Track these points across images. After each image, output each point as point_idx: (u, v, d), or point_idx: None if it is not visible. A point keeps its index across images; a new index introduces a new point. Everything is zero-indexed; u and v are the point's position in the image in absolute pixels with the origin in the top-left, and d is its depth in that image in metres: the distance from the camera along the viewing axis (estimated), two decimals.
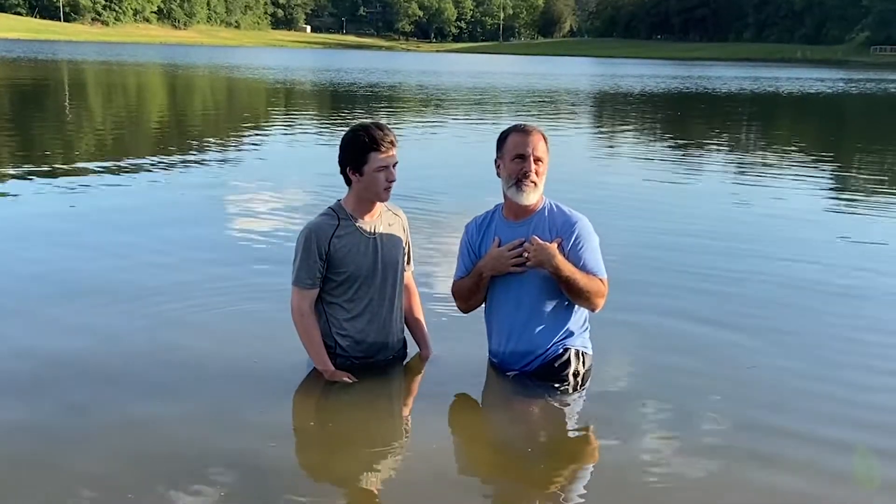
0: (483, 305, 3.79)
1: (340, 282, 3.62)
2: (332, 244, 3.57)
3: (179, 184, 9.26)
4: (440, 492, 2.92)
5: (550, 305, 3.60)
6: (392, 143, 3.54)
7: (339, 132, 11.82)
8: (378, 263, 3.65)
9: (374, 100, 24.80)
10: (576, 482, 3.06)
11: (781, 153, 14.53)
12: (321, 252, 3.56)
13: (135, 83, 30.78)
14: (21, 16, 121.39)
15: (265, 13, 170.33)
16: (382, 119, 17.59)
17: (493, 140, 3.67)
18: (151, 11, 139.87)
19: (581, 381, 3.69)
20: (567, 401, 3.61)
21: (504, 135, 3.61)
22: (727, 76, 51.08)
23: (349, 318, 3.67)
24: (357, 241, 3.61)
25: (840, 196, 9.96)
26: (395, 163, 3.57)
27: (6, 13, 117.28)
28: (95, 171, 9.62)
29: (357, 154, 3.53)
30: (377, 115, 18.86)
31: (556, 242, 3.51)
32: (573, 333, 3.68)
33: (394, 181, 3.58)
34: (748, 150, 15.23)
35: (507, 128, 3.64)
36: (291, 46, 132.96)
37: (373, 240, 3.64)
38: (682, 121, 21.98)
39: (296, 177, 10.05)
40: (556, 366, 3.64)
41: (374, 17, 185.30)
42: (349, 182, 3.62)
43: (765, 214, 8.32)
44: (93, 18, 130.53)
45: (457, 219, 6.81)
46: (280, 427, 3.39)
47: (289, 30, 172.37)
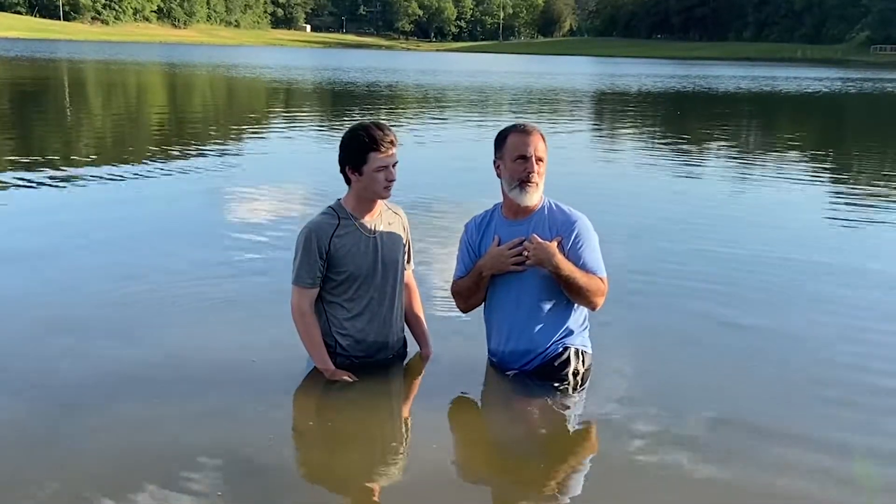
0: (482, 304, 3.79)
1: (340, 281, 3.62)
2: (333, 243, 3.57)
3: (178, 183, 9.24)
4: (440, 491, 2.92)
5: (550, 304, 3.60)
6: (392, 143, 3.54)
7: (336, 131, 11.85)
8: (378, 263, 3.65)
9: (373, 99, 24.77)
10: (575, 481, 3.07)
11: (779, 152, 14.51)
12: (321, 251, 3.56)
13: (134, 82, 30.75)
14: (21, 15, 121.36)
15: (265, 12, 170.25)
16: (381, 118, 17.58)
17: (490, 139, 3.66)
18: (151, 10, 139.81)
19: (581, 380, 3.69)
20: (567, 400, 3.61)
21: (503, 135, 3.59)
22: (725, 75, 51.03)
23: (349, 318, 3.67)
24: (357, 241, 3.61)
25: (839, 195, 9.94)
26: (395, 162, 3.57)
27: (6, 12, 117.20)
28: (94, 170, 9.60)
29: (356, 154, 3.52)
30: (375, 115, 18.84)
31: (556, 241, 3.51)
32: (573, 332, 3.68)
33: (393, 181, 3.58)
34: (745, 149, 15.22)
35: (506, 128, 3.62)
36: (291, 46, 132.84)
37: (373, 239, 3.64)
38: (680, 120, 21.96)
39: (295, 176, 10.04)
40: (556, 365, 3.64)
41: (374, 17, 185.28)
42: (349, 181, 3.62)
43: (764, 214, 8.32)
44: (92, 17, 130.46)
45: (456, 218, 6.81)
46: (280, 426, 3.39)
47: (288, 29, 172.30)
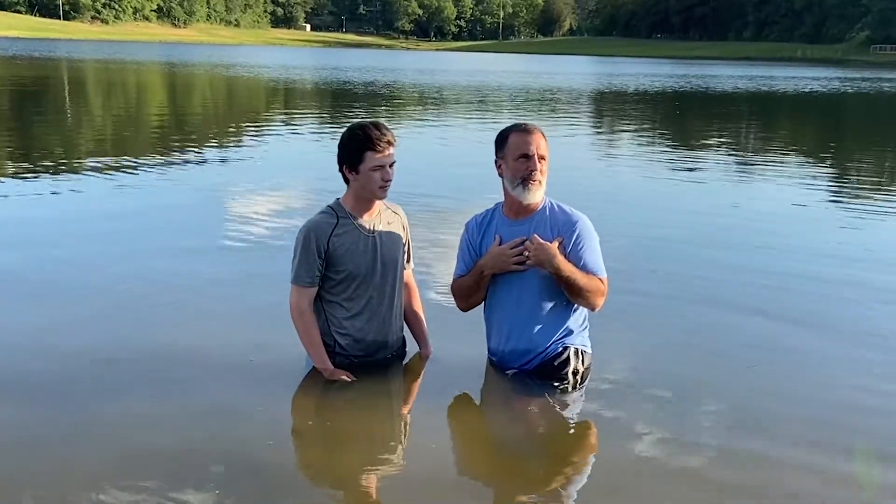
0: (482, 304, 3.78)
1: (339, 280, 3.61)
2: (331, 242, 3.57)
3: (177, 182, 9.24)
4: (439, 490, 2.92)
5: (551, 304, 3.59)
6: (389, 143, 3.53)
7: (335, 131, 11.82)
8: (377, 262, 3.64)
9: (372, 98, 24.76)
10: (575, 481, 3.06)
11: (776, 151, 14.51)
12: (320, 250, 3.56)
13: (134, 81, 30.74)
14: (21, 14, 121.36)
15: (265, 11, 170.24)
16: (381, 118, 17.57)
17: (490, 139, 3.65)
18: (151, 10, 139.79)
19: (580, 380, 3.69)
20: (566, 399, 3.60)
21: (504, 134, 3.59)
22: (723, 75, 51.01)
23: (348, 317, 3.66)
24: (356, 240, 3.60)
25: (838, 194, 9.94)
26: (393, 162, 3.56)
27: (6, 11, 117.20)
28: (93, 169, 9.59)
29: (353, 153, 3.52)
30: (374, 115, 18.83)
31: (557, 242, 3.51)
32: (573, 332, 3.67)
33: (390, 180, 3.57)
34: (742, 147, 15.20)
35: (507, 127, 3.62)
36: (291, 45, 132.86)
37: (372, 238, 3.64)
38: (676, 119, 21.95)
39: (293, 175, 10.03)
40: (556, 364, 3.64)
41: (374, 16, 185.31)
42: (347, 181, 3.62)
43: (763, 213, 8.31)
44: (92, 17, 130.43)
45: (456, 217, 6.80)
46: (279, 426, 3.38)
47: (288, 28, 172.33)
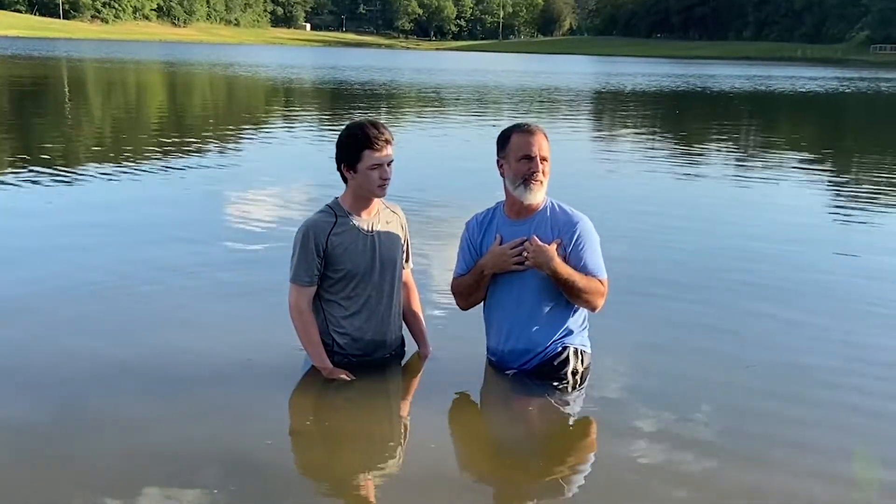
0: (482, 303, 3.78)
1: (338, 279, 3.61)
2: (330, 241, 3.56)
3: (176, 181, 9.22)
4: (438, 490, 2.91)
5: (551, 304, 3.59)
6: (387, 142, 3.53)
7: (334, 130, 11.78)
8: (376, 261, 3.63)
9: (369, 98, 24.76)
10: (574, 480, 3.05)
11: (775, 150, 14.51)
12: (319, 249, 3.55)
13: (133, 81, 30.73)
14: (21, 13, 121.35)
15: (265, 11, 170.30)
16: (380, 117, 17.57)
17: (490, 138, 3.64)
18: (151, 9, 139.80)
19: (580, 380, 3.68)
20: (566, 399, 3.60)
21: (506, 134, 3.58)
22: (721, 74, 51.01)
23: (347, 316, 3.65)
24: (354, 239, 3.60)
25: (836, 192, 9.94)
26: (390, 161, 3.56)
27: (6, 10, 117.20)
28: (92, 168, 9.59)
29: (351, 151, 3.52)
30: (374, 114, 18.83)
31: (556, 244, 3.50)
32: (572, 332, 3.67)
33: (388, 179, 3.57)
34: (740, 147, 15.20)
35: (508, 127, 3.62)
36: (291, 44, 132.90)
37: (370, 237, 3.63)
38: (677, 118, 21.95)
39: (292, 175, 10.02)
40: (555, 364, 3.63)
41: (374, 15, 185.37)
42: (345, 179, 3.61)
43: (762, 211, 8.30)
44: (92, 16, 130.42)
45: (455, 216, 6.80)
46: (277, 425, 3.38)
47: (288, 27, 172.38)
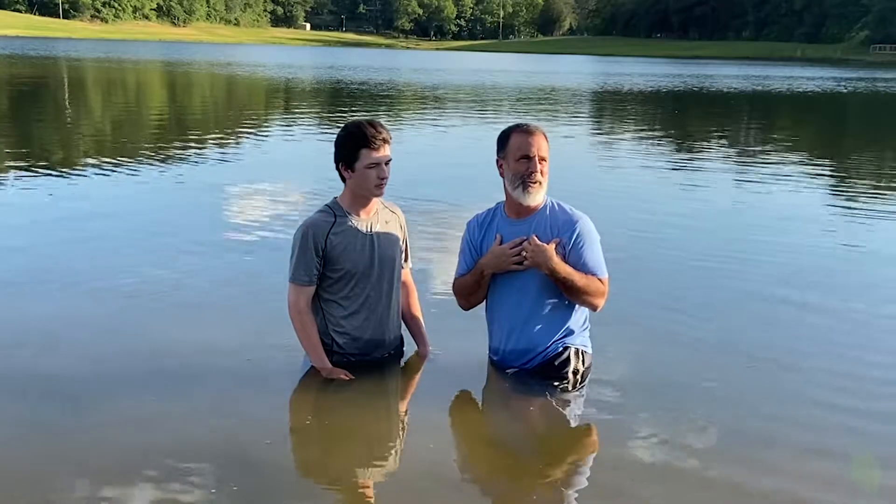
0: (483, 303, 3.76)
1: (337, 279, 3.60)
2: (329, 241, 3.55)
3: (175, 181, 9.22)
4: (437, 490, 2.90)
5: (551, 304, 3.58)
6: (385, 141, 3.52)
7: (330, 129, 11.84)
8: (374, 260, 3.63)
9: (371, 98, 24.76)
10: (574, 480, 3.04)
11: (774, 150, 14.50)
12: (318, 249, 3.54)
13: (133, 80, 30.74)
14: (20, 13, 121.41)
15: (265, 10, 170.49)
16: (380, 117, 17.57)
17: (490, 138, 3.63)
18: (151, 8, 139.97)
19: (580, 380, 3.67)
20: (566, 399, 3.59)
21: (506, 134, 3.58)
22: (719, 74, 51.02)
23: (346, 315, 3.65)
24: (353, 238, 3.59)
25: (836, 193, 9.93)
26: (388, 160, 3.55)
27: (5, 10, 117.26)
28: (92, 168, 9.59)
29: (349, 150, 3.52)
30: (373, 114, 18.83)
31: (554, 243, 3.49)
32: (573, 332, 3.66)
33: (386, 178, 3.56)
34: (738, 146, 15.20)
35: (508, 127, 3.61)
36: (291, 44, 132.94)
37: (369, 237, 3.62)
38: (671, 118, 21.95)
39: (291, 174, 10.01)
40: (556, 364, 3.62)
41: (374, 15, 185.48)
42: (344, 179, 3.61)
43: (762, 211, 8.30)
44: (92, 15, 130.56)
45: (455, 215, 6.80)
46: (276, 425, 3.37)
47: (288, 27, 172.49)
